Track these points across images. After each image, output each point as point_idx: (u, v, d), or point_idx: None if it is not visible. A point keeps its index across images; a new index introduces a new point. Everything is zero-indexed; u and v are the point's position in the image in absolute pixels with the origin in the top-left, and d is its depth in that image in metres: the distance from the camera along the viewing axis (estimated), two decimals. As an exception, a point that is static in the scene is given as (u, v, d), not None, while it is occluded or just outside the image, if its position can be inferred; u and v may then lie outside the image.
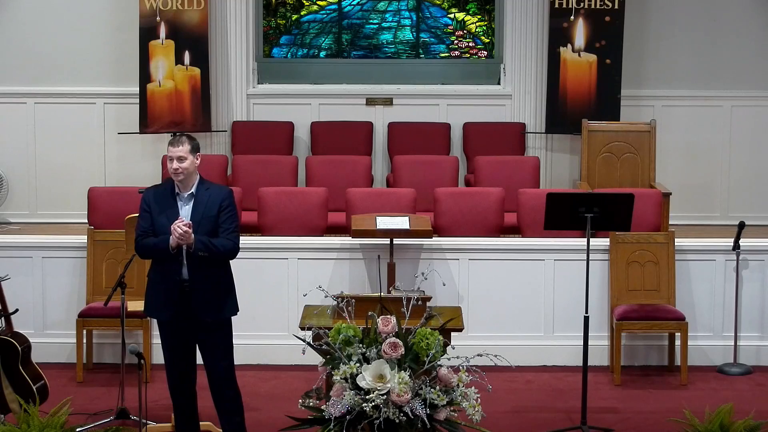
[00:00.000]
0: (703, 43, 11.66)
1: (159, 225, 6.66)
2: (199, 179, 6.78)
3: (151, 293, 6.75)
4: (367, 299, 6.91)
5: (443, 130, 11.62)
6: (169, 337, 6.74)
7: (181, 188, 6.71)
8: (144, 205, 6.74)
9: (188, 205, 6.69)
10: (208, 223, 6.66)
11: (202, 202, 6.69)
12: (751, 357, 8.90)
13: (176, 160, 6.66)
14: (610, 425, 7.58)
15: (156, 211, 6.69)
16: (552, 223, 7.66)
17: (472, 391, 6.24)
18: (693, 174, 11.73)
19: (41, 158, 11.66)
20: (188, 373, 6.81)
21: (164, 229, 6.63)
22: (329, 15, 12.19)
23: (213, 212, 6.68)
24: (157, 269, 6.73)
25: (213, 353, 6.72)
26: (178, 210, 6.67)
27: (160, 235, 6.65)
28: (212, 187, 6.79)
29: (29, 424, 6.87)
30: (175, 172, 6.66)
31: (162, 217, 6.66)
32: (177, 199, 6.70)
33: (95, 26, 11.58)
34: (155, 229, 6.68)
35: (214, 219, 6.67)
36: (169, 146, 6.70)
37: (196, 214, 6.66)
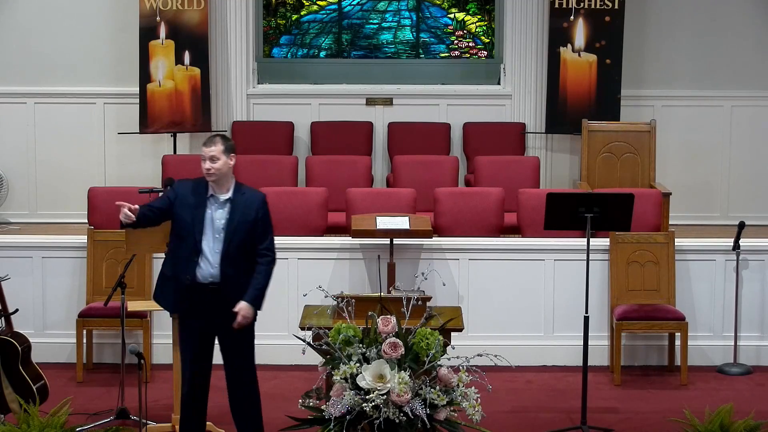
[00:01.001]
0: (703, 43, 11.66)
1: (180, 219, 6.59)
2: (235, 183, 6.71)
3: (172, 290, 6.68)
4: (367, 299, 6.91)
5: (443, 130, 11.62)
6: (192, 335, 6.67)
7: (216, 190, 6.64)
8: (171, 195, 6.65)
9: (223, 209, 6.61)
10: (244, 229, 6.60)
11: (239, 208, 6.62)
12: (751, 357, 8.90)
13: (209, 160, 6.60)
14: (610, 425, 7.58)
15: (182, 205, 6.60)
16: (552, 223, 7.65)
17: (472, 391, 6.24)
18: (693, 174, 11.73)
19: (41, 158, 11.66)
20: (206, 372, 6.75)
21: (185, 225, 6.56)
22: (329, 15, 12.19)
23: (249, 218, 6.62)
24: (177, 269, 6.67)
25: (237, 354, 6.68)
26: (206, 211, 6.58)
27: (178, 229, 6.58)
28: (247, 191, 6.71)
29: (29, 424, 6.87)
30: (208, 173, 6.60)
31: (186, 213, 6.58)
32: (210, 200, 6.62)
33: (95, 26, 11.58)
34: (176, 222, 6.60)
35: (249, 225, 6.61)
36: (203, 146, 6.65)
37: (232, 220, 6.59)
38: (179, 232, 6.63)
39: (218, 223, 6.60)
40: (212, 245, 6.59)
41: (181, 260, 6.61)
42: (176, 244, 6.66)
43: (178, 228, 6.63)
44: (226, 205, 6.63)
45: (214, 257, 6.58)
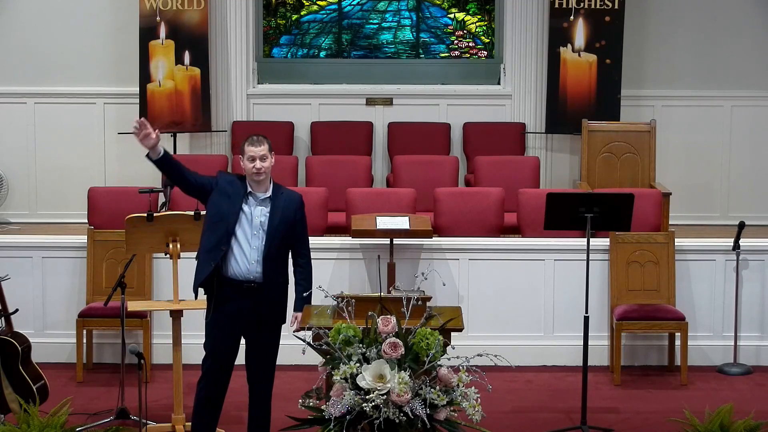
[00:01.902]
0: (703, 43, 11.66)
1: (216, 206, 6.58)
2: (274, 183, 6.73)
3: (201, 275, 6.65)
4: (367, 299, 6.91)
5: (443, 130, 11.62)
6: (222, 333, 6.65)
7: (256, 189, 6.65)
8: (213, 181, 6.63)
9: (264, 207, 6.62)
10: (284, 228, 6.64)
11: (279, 206, 6.64)
12: (751, 357, 8.90)
13: (259, 160, 6.60)
14: (610, 425, 7.58)
15: (220, 194, 6.59)
16: (552, 223, 7.66)
17: (472, 391, 6.24)
18: (693, 174, 11.73)
19: (41, 158, 11.66)
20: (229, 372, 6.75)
21: (221, 212, 6.55)
22: (329, 15, 12.20)
23: (289, 218, 6.66)
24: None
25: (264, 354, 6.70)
26: (242, 206, 6.59)
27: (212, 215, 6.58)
28: (285, 191, 6.75)
29: (29, 424, 6.87)
30: (258, 172, 6.59)
31: (224, 201, 6.58)
32: (248, 197, 6.62)
33: (95, 26, 11.58)
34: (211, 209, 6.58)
35: (290, 224, 6.66)
36: (250, 146, 6.62)
37: (274, 219, 6.61)
38: (212, 218, 6.61)
39: (257, 221, 6.61)
40: (250, 241, 6.60)
41: (209, 247, 6.59)
42: (207, 230, 6.64)
43: (212, 214, 6.61)
44: (266, 204, 6.65)
45: (251, 254, 6.59)
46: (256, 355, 6.72)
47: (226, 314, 6.62)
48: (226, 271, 6.59)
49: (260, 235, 6.61)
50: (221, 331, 6.65)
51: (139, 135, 6.59)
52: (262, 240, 6.60)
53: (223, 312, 6.62)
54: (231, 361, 6.73)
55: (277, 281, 6.67)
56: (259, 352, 6.71)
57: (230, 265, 6.59)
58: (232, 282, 6.59)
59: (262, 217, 6.62)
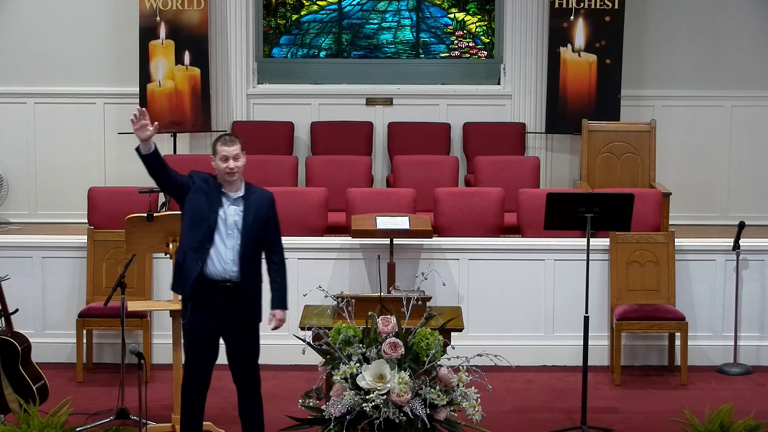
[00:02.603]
0: (703, 43, 11.66)
1: (196, 205, 6.56)
2: (245, 182, 6.72)
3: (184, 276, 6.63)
4: (367, 299, 6.92)
5: (443, 130, 11.62)
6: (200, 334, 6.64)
7: (228, 188, 6.64)
8: (190, 180, 6.61)
9: (237, 206, 6.61)
10: (259, 227, 6.62)
11: (253, 205, 6.63)
12: (751, 357, 8.90)
13: (232, 159, 6.58)
14: (610, 425, 7.58)
15: (197, 192, 6.58)
16: (552, 223, 7.66)
17: (472, 391, 6.24)
18: (693, 174, 11.73)
19: (41, 158, 11.66)
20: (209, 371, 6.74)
21: (201, 210, 6.54)
22: (329, 15, 12.20)
23: (262, 217, 6.64)
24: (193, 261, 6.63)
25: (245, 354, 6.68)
26: (221, 205, 6.58)
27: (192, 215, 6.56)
28: (257, 189, 6.74)
29: (29, 424, 6.87)
30: (231, 172, 6.58)
31: (202, 200, 6.56)
32: (222, 197, 6.60)
33: (95, 26, 11.58)
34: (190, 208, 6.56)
35: (264, 223, 6.64)
36: (223, 146, 6.60)
37: (248, 217, 6.60)
38: (193, 218, 6.59)
39: (230, 220, 6.59)
40: (225, 241, 6.58)
41: (192, 246, 6.58)
42: (188, 230, 6.62)
43: (192, 213, 6.59)
44: (239, 203, 6.63)
45: (227, 254, 6.58)
46: (238, 356, 6.70)
47: (204, 314, 6.60)
48: (203, 271, 6.57)
49: (235, 234, 6.59)
50: (200, 331, 6.63)
51: (136, 124, 6.51)
52: (237, 239, 6.59)
53: (201, 312, 6.60)
54: (212, 361, 6.72)
55: (253, 280, 6.65)
56: (240, 352, 6.69)
57: (207, 264, 6.57)
58: (209, 282, 6.57)
59: (236, 216, 6.61)
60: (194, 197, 6.59)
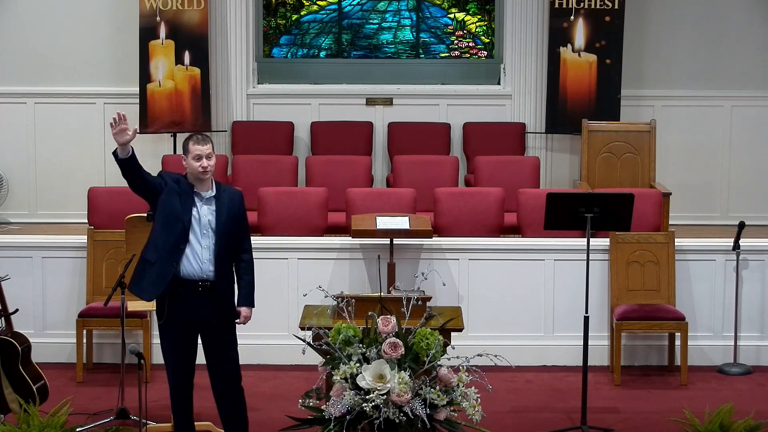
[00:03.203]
0: (703, 43, 11.66)
1: (169, 206, 6.54)
2: (214, 181, 6.73)
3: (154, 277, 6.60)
4: (367, 299, 6.91)
5: (443, 130, 11.62)
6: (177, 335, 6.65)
7: (200, 188, 6.63)
8: (162, 181, 6.58)
9: (209, 206, 6.61)
10: (232, 225, 6.64)
11: (224, 203, 6.64)
12: (751, 357, 8.90)
13: (205, 158, 6.59)
14: (610, 425, 7.58)
15: (170, 192, 6.56)
16: (552, 223, 7.66)
17: (472, 391, 6.24)
18: (693, 174, 11.73)
19: (41, 158, 11.66)
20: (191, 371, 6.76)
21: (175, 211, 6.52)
22: (329, 15, 12.20)
23: (234, 215, 6.66)
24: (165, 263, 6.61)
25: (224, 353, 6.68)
26: (194, 205, 6.57)
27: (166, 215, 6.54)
28: (227, 188, 6.76)
29: (29, 424, 6.87)
30: (204, 171, 6.58)
31: (175, 200, 6.55)
32: (194, 196, 6.60)
33: (95, 26, 11.58)
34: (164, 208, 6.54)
35: (235, 222, 6.66)
36: (196, 144, 6.61)
37: (221, 216, 6.61)
38: (167, 219, 6.56)
39: (204, 220, 6.59)
40: (200, 240, 6.58)
41: (166, 247, 6.55)
42: (161, 230, 6.59)
43: (165, 214, 6.57)
44: (210, 203, 6.63)
45: (202, 253, 6.57)
46: (217, 355, 6.70)
47: (181, 315, 6.59)
48: (179, 272, 6.56)
49: (209, 234, 6.59)
50: (178, 332, 6.63)
51: (115, 128, 6.45)
52: (212, 239, 6.59)
53: (178, 313, 6.59)
54: (192, 361, 6.73)
55: (229, 279, 6.67)
56: (219, 352, 6.69)
57: (183, 265, 6.56)
58: (185, 282, 6.56)
59: (210, 215, 6.61)
60: (167, 198, 6.58)
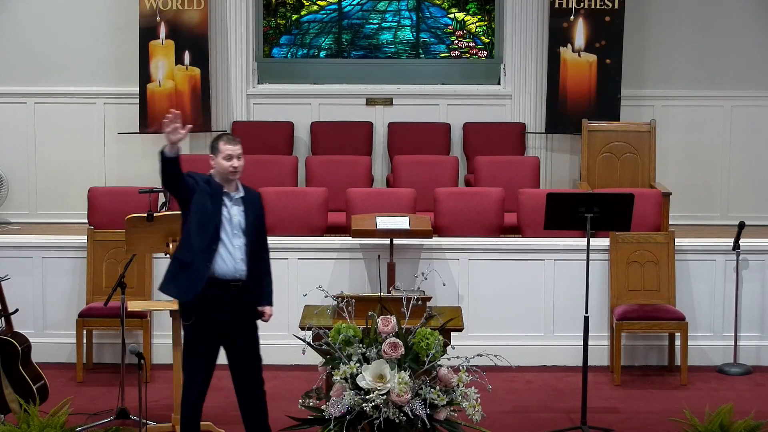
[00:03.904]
0: (703, 43, 11.66)
1: (201, 206, 6.54)
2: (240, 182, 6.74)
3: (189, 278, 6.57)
4: (367, 299, 6.92)
5: (443, 130, 11.62)
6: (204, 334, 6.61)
7: (229, 188, 6.64)
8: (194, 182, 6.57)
9: (239, 206, 6.63)
10: (257, 227, 6.68)
11: (251, 206, 6.67)
12: (751, 357, 8.90)
13: (236, 159, 6.59)
14: (610, 425, 7.58)
15: (202, 192, 6.55)
16: (552, 223, 7.66)
17: (472, 391, 6.24)
18: (693, 174, 11.73)
19: (41, 158, 11.66)
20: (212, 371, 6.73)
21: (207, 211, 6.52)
22: (329, 15, 12.20)
23: (258, 216, 6.70)
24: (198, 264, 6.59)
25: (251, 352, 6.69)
26: (224, 206, 6.58)
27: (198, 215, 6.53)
28: (251, 190, 6.79)
29: (29, 424, 6.87)
30: (234, 171, 6.59)
31: (206, 200, 6.54)
32: (224, 197, 6.60)
33: (95, 26, 11.58)
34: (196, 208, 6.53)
35: (258, 221, 6.69)
36: (227, 144, 6.60)
37: (248, 216, 6.63)
38: (200, 219, 6.56)
39: (235, 220, 6.60)
40: (232, 240, 6.58)
41: (201, 248, 6.55)
42: (196, 231, 6.57)
43: (198, 214, 6.56)
44: (239, 203, 6.64)
45: (235, 253, 6.57)
46: (244, 354, 6.69)
47: (211, 315, 6.57)
48: (213, 272, 6.56)
49: (239, 234, 6.60)
50: (206, 332, 6.61)
51: (168, 127, 6.45)
52: (243, 239, 6.60)
53: (208, 313, 6.58)
54: (215, 361, 6.71)
55: (257, 278, 6.67)
56: (246, 351, 6.69)
57: (217, 264, 6.55)
58: (219, 282, 6.56)
59: (239, 216, 6.62)
60: (200, 198, 6.56)
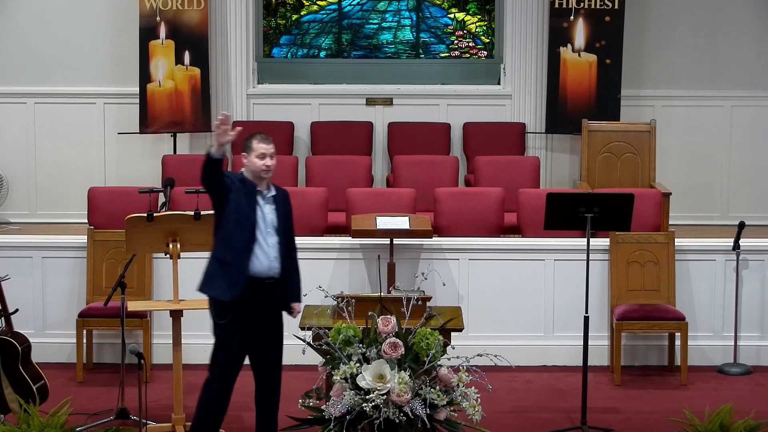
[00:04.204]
0: (703, 43, 11.66)
1: (238, 205, 6.56)
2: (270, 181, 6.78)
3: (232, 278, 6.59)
4: (367, 299, 6.92)
5: (443, 130, 11.62)
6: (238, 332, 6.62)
7: (261, 187, 6.67)
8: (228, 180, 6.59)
9: (271, 204, 6.67)
10: (287, 224, 6.73)
11: (281, 205, 6.72)
12: (751, 357, 8.90)
13: (269, 157, 6.64)
14: (610, 425, 7.58)
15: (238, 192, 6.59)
16: (552, 223, 7.65)
17: (472, 391, 6.25)
18: (693, 174, 11.73)
19: (41, 158, 11.66)
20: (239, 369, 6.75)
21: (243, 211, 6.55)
22: (329, 15, 12.20)
23: (288, 214, 6.75)
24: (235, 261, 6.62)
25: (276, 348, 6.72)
26: (258, 204, 6.62)
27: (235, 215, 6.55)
28: (278, 187, 6.82)
29: (29, 424, 6.87)
30: (267, 169, 6.63)
31: (242, 200, 6.57)
32: (257, 195, 6.64)
33: (95, 26, 11.58)
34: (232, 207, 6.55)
35: (288, 219, 6.74)
36: (261, 143, 6.65)
37: (280, 216, 6.68)
38: (238, 218, 6.59)
39: (268, 219, 6.64)
40: (266, 239, 6.62)
41: (240, 246, 6.58)
42: (234, 230, 6.60)
43: (236, 214, 6.59)
44: (272, 202, 6.69)
45: (269, 251, 6.61)
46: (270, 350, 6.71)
47: (247, 311, 6.60)
48: (249, 271, 6.59)
49: (273, 232, 6.64)
50: (241, 329, 6.62)
51: (219, 128, 6.50)
52: (275, 237, 6.64)
53: (243, 311, 6.60)
54: (244, 358, 6.73)
55: (287, 276, 6.70)
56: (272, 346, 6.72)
57: (253, 263, 6.59)
58: (255, 280, 6.59)
59: (271, 214, 6.66)
60: (236, 198, 6.60)
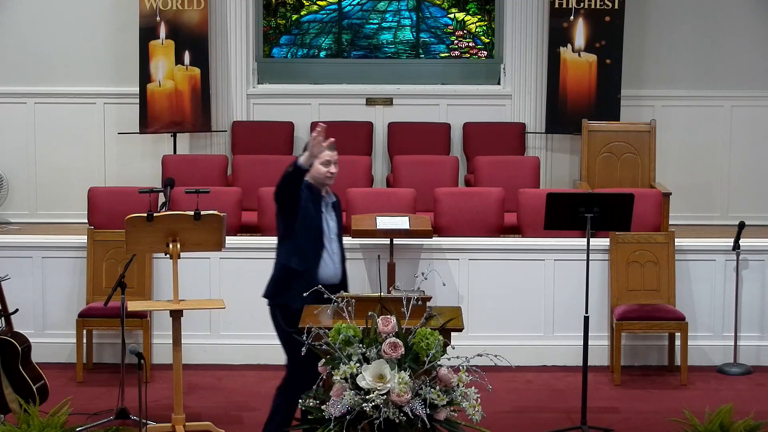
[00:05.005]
0: (703, 43, 11.67)
1: (309, 212, 6.61)
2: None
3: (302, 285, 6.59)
4: (367, 299, 6.91)
5: (443, 130, 11.62)
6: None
7: (325, 193, 6.73)
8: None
9: (332, 212, 6.75)
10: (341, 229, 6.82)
11: (338, 209, 6.82)
12: (751, 357, 8.90)
13: (333, 164, 6.67)
14: (610, 425, 7.58)
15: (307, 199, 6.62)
16: (552, 223, 7.65)
17: (472, 391, 6.24)
18: (693, 174, 11.73)
19: (41, 158, 11.67)
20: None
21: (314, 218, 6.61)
22: (329, 15, 12.20)
23: (341, 218, 6.85)
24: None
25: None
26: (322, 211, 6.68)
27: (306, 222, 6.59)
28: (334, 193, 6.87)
29: (29, 424, 6.87)
30: (331, 176, 6.68)
31: (311, 207, 6.62)
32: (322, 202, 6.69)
33: (95, 26, 11.59)
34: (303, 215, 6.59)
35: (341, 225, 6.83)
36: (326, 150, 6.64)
37: (339, 221, 6.79)
38: (307, 226, 6.65)
39: (332, 225, 6.74)
40: (331, 245, 6.73)
41: (310, 254, 6.66)
42: (305, 238, 6.66)
43: (306, 222, 6.64)
44: (332, 209, 6.78)
45: (335, 257, 6.74)
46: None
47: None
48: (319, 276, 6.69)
49: (335, 238, 6.76)
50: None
51: (316, 140, 6.53)
52: (337, 243, 6.77)
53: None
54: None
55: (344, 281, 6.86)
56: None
57: (321, 270, 6.70)
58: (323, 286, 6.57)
59: (333, 221, 6.77)
60: (305, 205, 6.66)
